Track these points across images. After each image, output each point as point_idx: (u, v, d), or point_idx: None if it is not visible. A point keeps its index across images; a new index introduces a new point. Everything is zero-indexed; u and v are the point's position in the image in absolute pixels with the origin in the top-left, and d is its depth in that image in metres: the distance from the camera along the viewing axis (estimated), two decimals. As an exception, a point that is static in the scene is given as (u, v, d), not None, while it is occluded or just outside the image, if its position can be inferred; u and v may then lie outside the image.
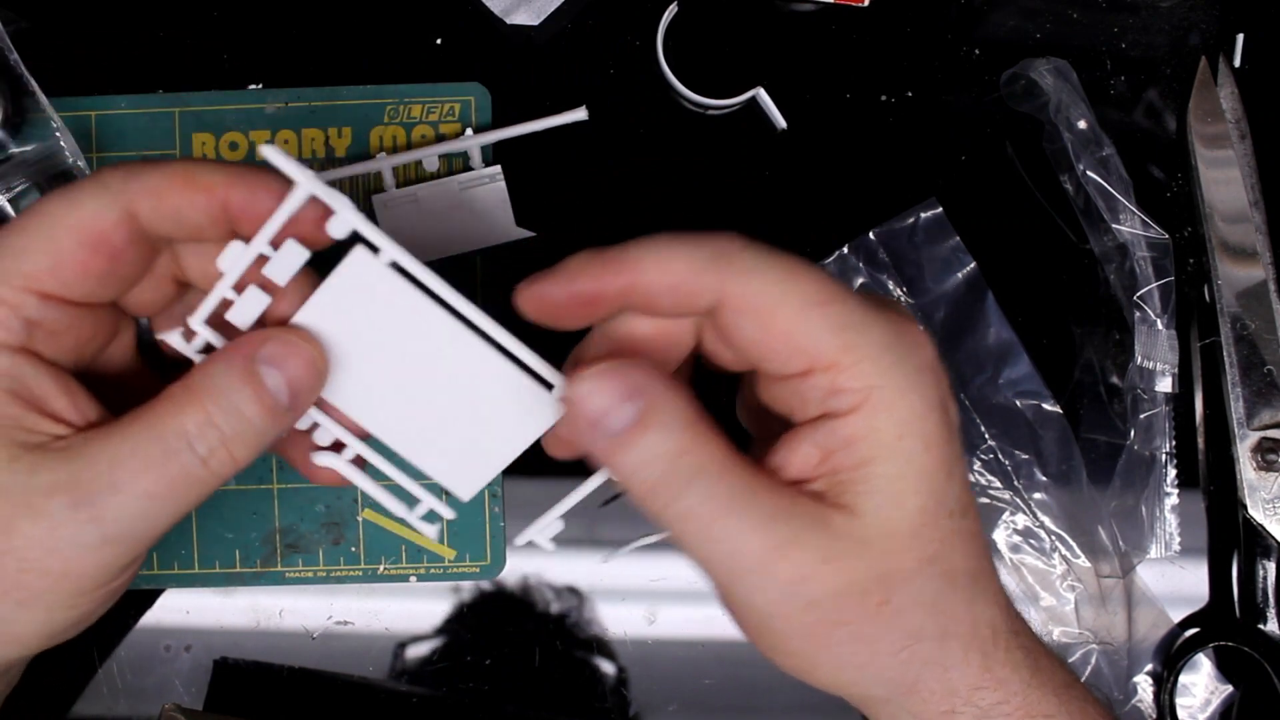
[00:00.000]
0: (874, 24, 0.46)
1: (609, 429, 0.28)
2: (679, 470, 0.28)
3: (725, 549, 0.28)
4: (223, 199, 0.29)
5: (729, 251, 0.29)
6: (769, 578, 0.28)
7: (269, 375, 0.28)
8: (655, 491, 0.28)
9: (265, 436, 0.29)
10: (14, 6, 0.45)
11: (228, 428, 0.28)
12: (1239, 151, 0.45)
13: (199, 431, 0.28)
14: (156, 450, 0.28)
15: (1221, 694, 0.45)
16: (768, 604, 0.29)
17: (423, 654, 0.45)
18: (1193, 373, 0.45)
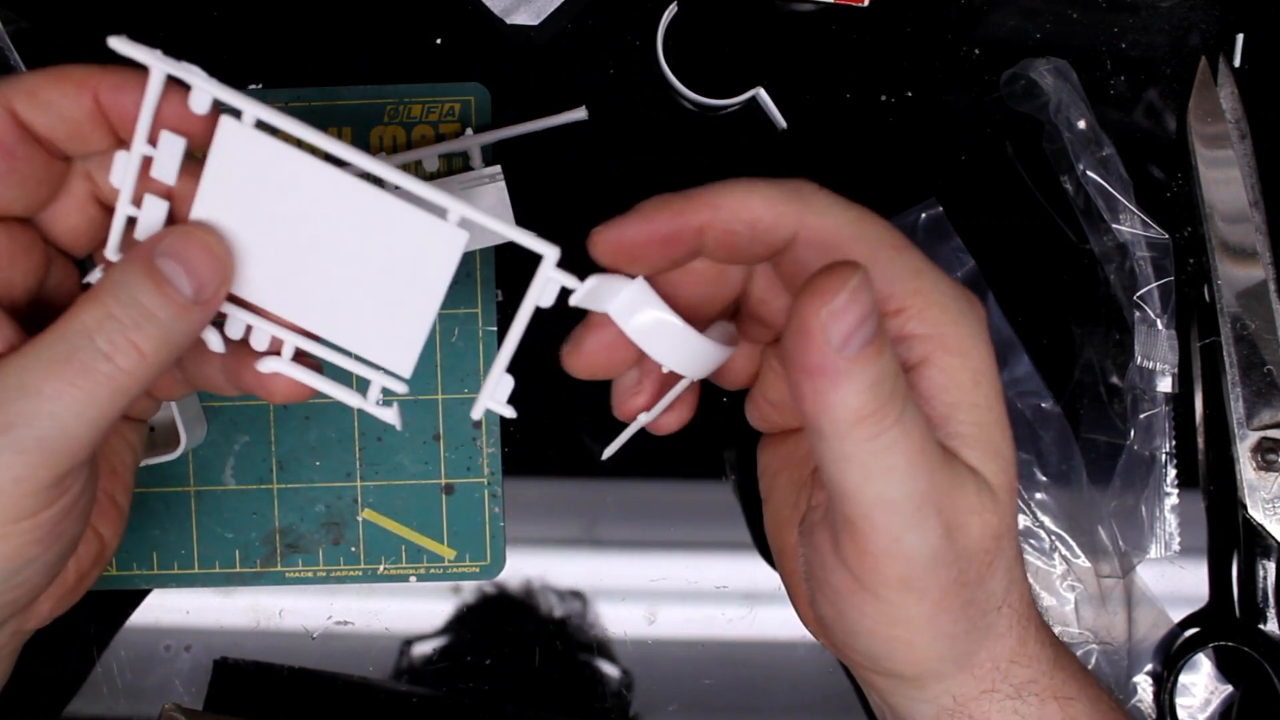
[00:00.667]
0: (874, 24, 0.46)
1: (851, 346, 0.25)
2: (898, 393, 0.26)
3: (914, 486, 0.26)
4: (93, 92, 0.28)
5: (805, 190, 0.29)
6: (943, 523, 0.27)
7: (166, 265, 0.28)
8: (877, 415, 0.25)
9: (172, 329, 0.28)
10: (14, 6, 0.45)
11: (127, 319, 0.27)
12: (1239, 151, 0.45)
13: (98, 325, 0.27)
14: (60, 350, 0.27)
15: (1221, 694, 0.45)
16: (930, 554, 0.27)
17: (423, 654, 0.45)
18: (1193, 373, 0.45)
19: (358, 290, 0.27)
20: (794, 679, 0.45)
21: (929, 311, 0.28)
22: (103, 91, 0.28)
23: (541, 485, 0.46)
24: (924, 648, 0.29)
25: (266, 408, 0.45)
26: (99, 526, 0.34)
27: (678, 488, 0.46)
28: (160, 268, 0.28)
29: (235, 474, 0.45)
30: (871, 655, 0.30)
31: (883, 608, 0.28)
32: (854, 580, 0.28)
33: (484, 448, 0.45)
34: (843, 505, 0.27)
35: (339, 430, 0.45)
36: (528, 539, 0.45)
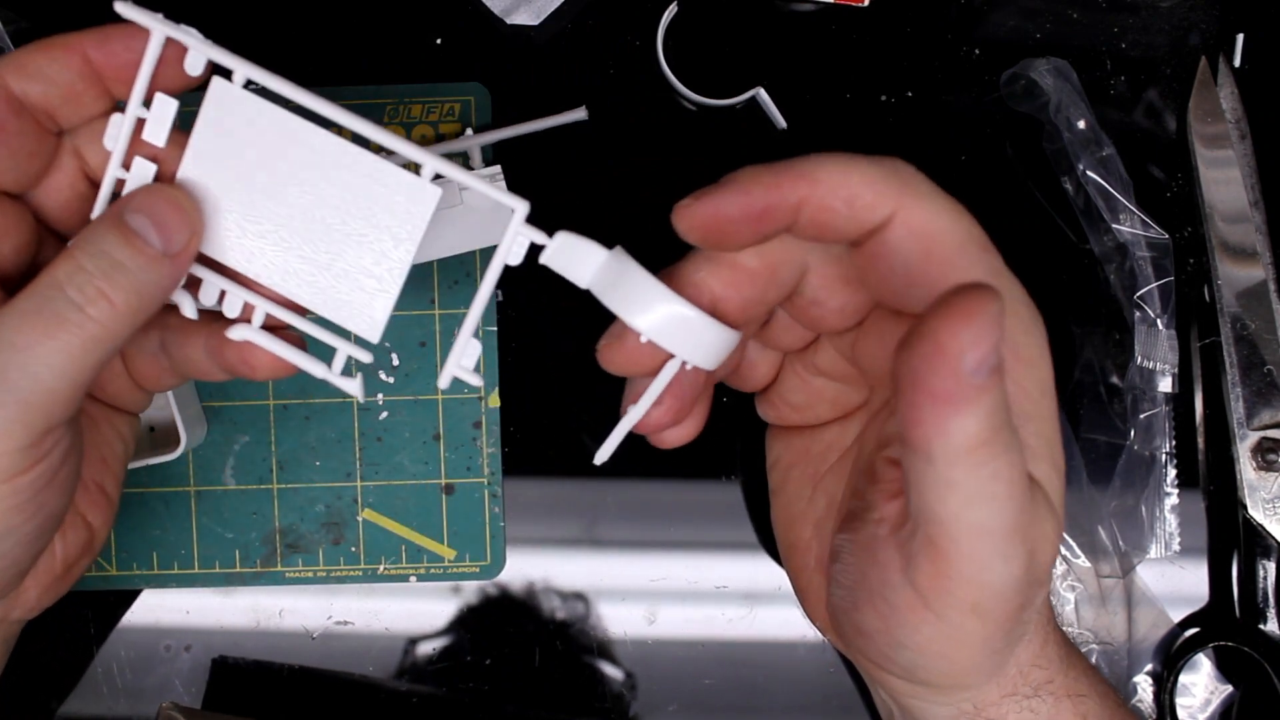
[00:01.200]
0: (874, 24, 0.46)
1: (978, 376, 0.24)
2: (1009, 418, 0.25)
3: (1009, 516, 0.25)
4: (82, 54, 0.29)
5: (904, 171, 0.28)
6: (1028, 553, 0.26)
7: (134, 219, 0.28)
8: (989, 443, 0.25)
9: (142, 279, 0.28)
10: (14, 6, 0.45)
11: (96, 269, 0.28)
12: (1239, 151, 0.45)
13: (69, 277, 0.28)
14: (32, 303, 0.27)
15: (1221, 694, 0.45)
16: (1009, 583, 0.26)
17: (423, 654, 0.45)
18: (1193, 373, 0.45)
19: (332, 252, 0.27)
20: (794, 679, 0.45)
21: (1009, 320, 0.27)
22: (90, 49, 0.29)
23: (541, 485, 0.46)
24: (966, 662, 0.28)
25: (266, 408, 0.45)
26: (87, 514, 0.34)
27: (678, 488, 0.46)
28: (128, 221, 0.28)
29: (235, 474, 0.45)
30: (910, 667, 0.29)
31: (944, 629, 0.27)
32: (919, 600, 0.27)
33: (484, 448, 0.45)
34: (931, 529, 0.26)
35: (339, 430, 0.45)
36: (528, 539, 0.45)
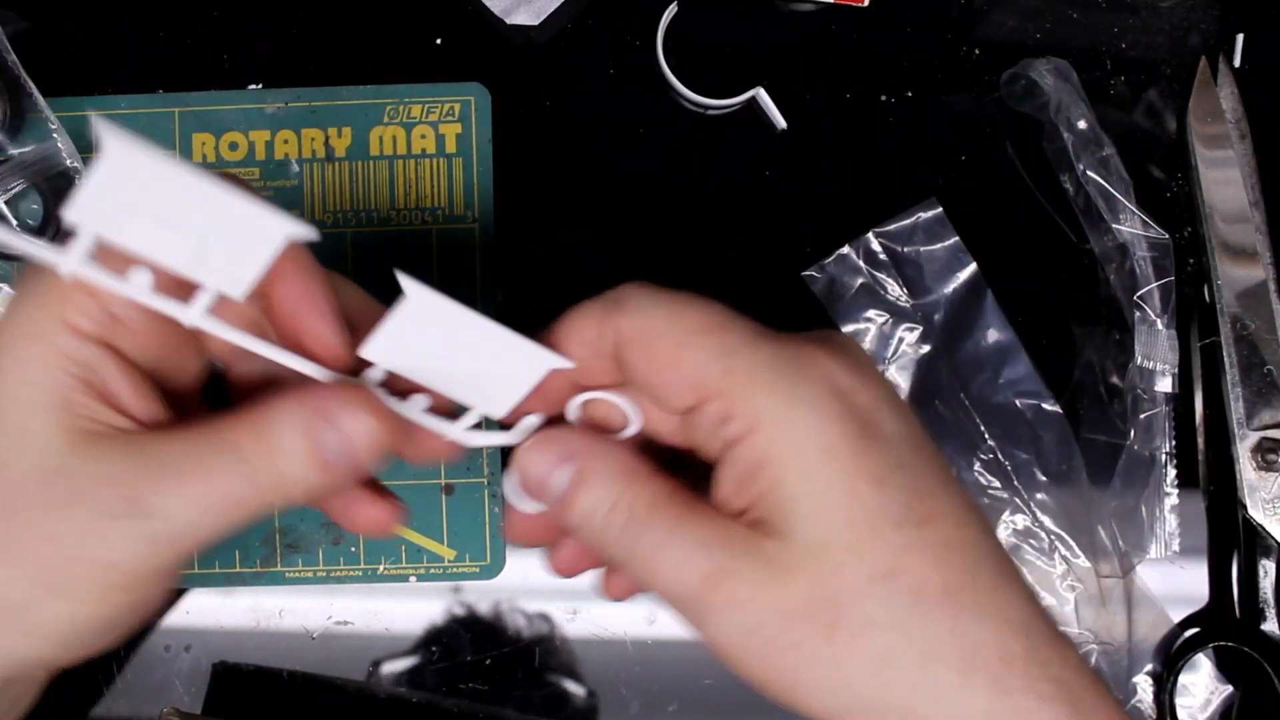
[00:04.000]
0: (874, 24, 0.46)
1: (553, 492, 0.30)
2: (614, 520, 0.30)
3: (666, 582, 0.29)
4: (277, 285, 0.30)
5: (622, 295, 0.30)
6: (706, 606, 0.29)
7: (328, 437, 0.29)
8: (600, 540, 0.30)
9: (320, 490, 0.30)
10: (14, 6, 0.45)
11: (290, 479, 0.29)
12: (1239, 151, 0.45)
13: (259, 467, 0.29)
14: (219, 467, 0.28)
15: (1221, 694, 0.45)
16: (714, 633, 0.29)
17: (422, 654, 0.45)
18: (1193, 373, 0.45)
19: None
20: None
21: (744, 389, 0.29)
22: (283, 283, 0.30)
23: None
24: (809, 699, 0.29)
25: (266, 408, 0.45)
26: None
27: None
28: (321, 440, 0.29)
29: (235, 474, 0.45)
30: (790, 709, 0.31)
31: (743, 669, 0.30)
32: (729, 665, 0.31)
33: (484, 448, 0.45)
34: None
35: (339, 430, 0.45)
36: (528, 539, 0.45)
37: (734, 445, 0.29)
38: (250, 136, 0.45)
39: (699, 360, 0.29)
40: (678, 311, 0.30)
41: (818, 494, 0.28)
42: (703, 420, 0.29)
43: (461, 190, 0.45)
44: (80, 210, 0.27)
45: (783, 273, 0.46)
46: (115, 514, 0.28)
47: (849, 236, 0.45)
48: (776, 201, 0.46)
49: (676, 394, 0.29)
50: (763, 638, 0.29)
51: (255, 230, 0.28)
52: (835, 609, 0.28)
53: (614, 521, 0.30)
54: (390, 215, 0.45)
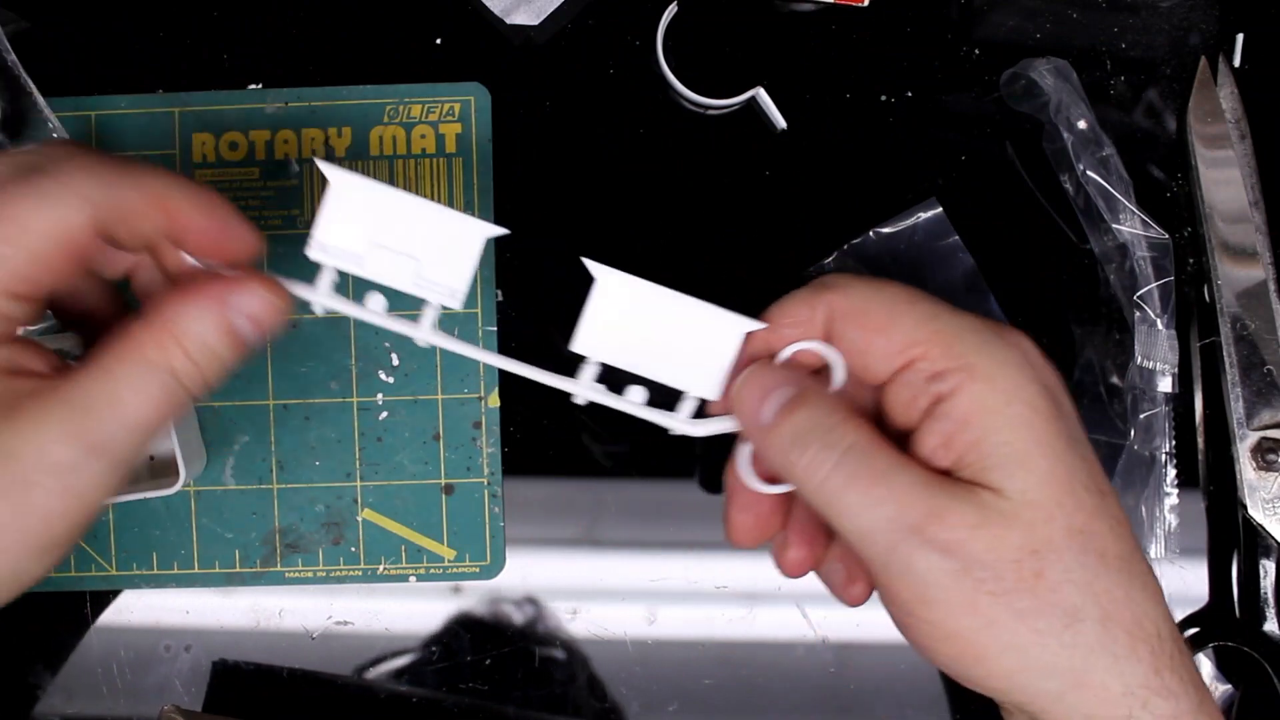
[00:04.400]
0: (874, 24, 0.46)
1: (770, 407, 0.32)
2: (832, 441, 0.31)
3: (884, 513, 0.30)
4: (183, 223, 0.31)
5: (829, 280, 0.33)
6: (928, 539, 0.29)
7: (239, 320, 0.31)
8: (812, 465, 0.31)
9: (232, 368, 0.32)
10: (14, 6, 0.45)
11: (205, 363, 0.31)
12: (1239, 151, 0.45)
13: (184, 369, 0.31)
14: (154, 388, 0.30)
15: (1221, 694, 0.45)
16: (929, 569, 0.29)
17: (423, 654, 0.45)
18: (1193, 373, 0.45)
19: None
20: (794, 679, 0.45)
21: (953, 346, 0.31)
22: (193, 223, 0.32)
23: (541, 485, 0.46)
24: (994, 660, 0.30)
25: (266, 408, 0.45)
26: None
27: (678, 488, 0.46)
28: (235, 325, 0.31)
29: (235, 474, 0.45)
30: (965, 677, 0.31)
31: (927, 627, 0.30)
32: (895, 608, 0.31)
33: (484, 448, 0.45)
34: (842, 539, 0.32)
35: (339, 430, 0.45)
36: (528, 539, 0.45)
37: (943, 400, 0.31)
38: (250, 136, 0.45)
39: (909, 324, 0.31)
40: (884, 287, 0.32)
41: (1026, 448, 0.30)
42: (911, 379, 0.31)
43: (461, 190, 0.45)
44: (318, 250, 0.33)
45: (783, 273, 0.46)
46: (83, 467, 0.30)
47: (849, 236, 0.45)
48: (776, 201, 0.46)
49: (887, 357, 0.32)
50: (969, 582, 0.29)
51: (460, 237, 0.33)
52: (1040, 560, 0.29)
53: (834, 443, 0.31)
54: (390, 215, 0.45)
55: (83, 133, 0.45)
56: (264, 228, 0.45)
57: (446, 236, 0.32)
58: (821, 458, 0.30)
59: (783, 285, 0.46)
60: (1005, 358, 0.31)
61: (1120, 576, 0.30)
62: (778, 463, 0.32)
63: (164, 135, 0.45)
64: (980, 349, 0.31)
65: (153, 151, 0.45)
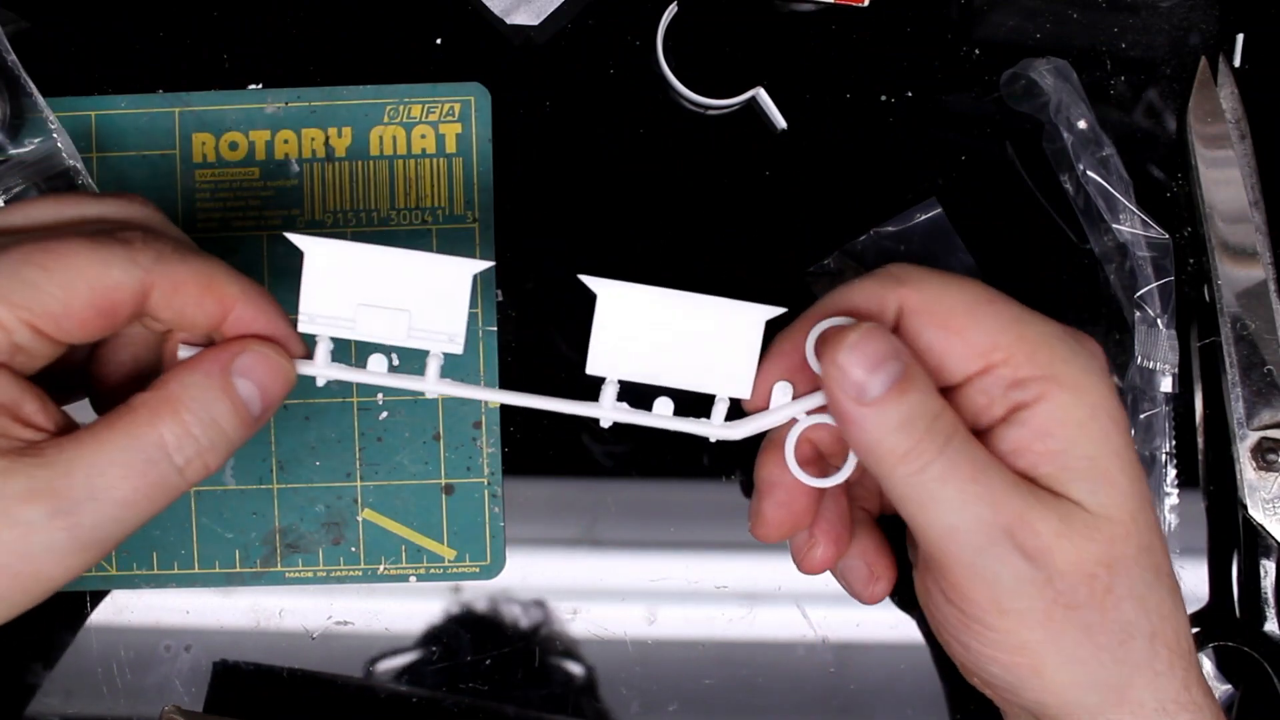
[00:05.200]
0: (874, 24, 0.46)
1: (870, 392, 0.29)
2: (938, 430, 0.29)
3: (978, 511, 0.28)
4: (229, 310, 0.30)
5: (898, 270, 0.31)
6: (1016, 546, 0.28)
7: (243, 386, 0.30)
8: (916, 450, 0.29)
9: (237, 443, 0.30)
10: (14, 6, 0.45)
11: (205, 440, 0.29)
12: (1239, 151, 0.45)
13: (178, 444, 0.29)
14: (137, 460, 0.28)
15: (1221, 694, 0.45)
16: (1015, 576, 0.29)
17: (423, 654, 0.45)
18: (1193, 373, 0.45)
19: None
20: (794, 679, 0.45)
21: (1038, 354, 0.29)
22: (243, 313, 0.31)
23: (541, 485, 0.46)
24: (1052, 674, 0.30)
25: (266, 408, 0.45)
26: None
27: (678, 488, 0.46)
28: (239, 391, 0.30)
29: (235, 474, 0.45)
30: (1009, 686, 0.31)
31: (994, 635, 0.30)
32: (959, 612, 0.30)
33: (484, 448, 0.45)
34: (919, 542, 0.30)
35: (339, 430, 0.45)
36: (528, 539, 0.45)
37: (1024, 408, 0.29)
38: (250, 136, 0.45)
39: (992, 327, 0.30)
40: (961, 284, 0.30)
41: (1109, 464, 0.29)
42: (988, 385, 0.30)
43: (461, 190, 0.45)
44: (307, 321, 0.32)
45: (783, 273, 0.46)
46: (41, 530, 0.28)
47: (849, 236, 0.45)
48: (776, 201, 0.46)
49: (965, 360, 0.30)
50: (1050, 593, 0.29)
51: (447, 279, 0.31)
52: (1112, 575, 0.29)
53: (938, 433, 0.29)
54: (390, 215, 0.45)
55: (83, 133, 0.45)
56: (264, 228, 0.45)
57: (432, 281, 0.32)
58: (924, 445, 0.29)
59: (783, 285, 0.46)
60: (1089, 367, 0.30)
61: (1166, 593, 0.30)
62: (872, 444, 0.29)
63: (164, 135, 0.45)
64: (1066, 359, 0.29)
65: (153, 151, 0.45)
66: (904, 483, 0.29)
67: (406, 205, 0.45)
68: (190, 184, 0.45)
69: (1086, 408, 0.29)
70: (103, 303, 0.29)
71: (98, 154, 0.45)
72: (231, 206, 0.45)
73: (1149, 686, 0.30)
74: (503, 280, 0.46)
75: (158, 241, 0.30)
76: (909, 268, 0.31)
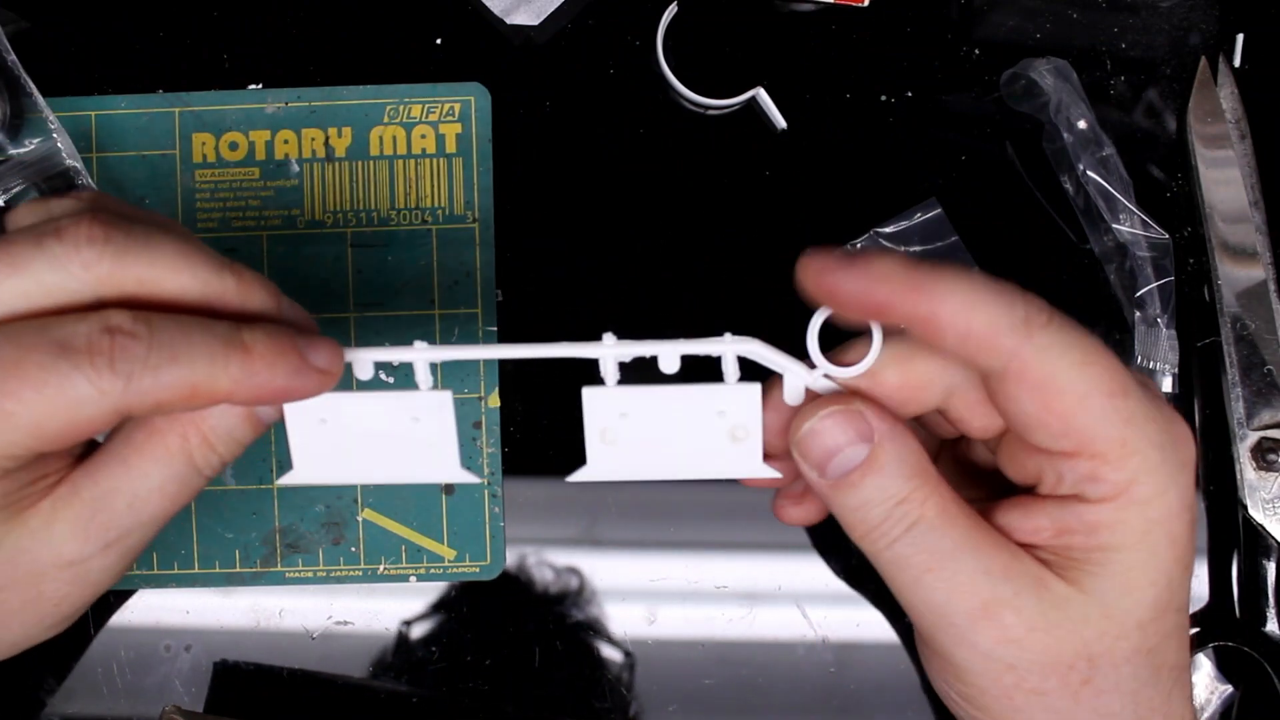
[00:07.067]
0: (874, 24, 0.46)
1: (836, 468, 0.29)
2: (897, 516, 0.29)
3: (935, 599, 0.29)
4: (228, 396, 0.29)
5: (1034, 321, 0.28)
6: (975, 635, 0.29)
7: (263, 411, 0.31)
8: (872, 534, 0.29)
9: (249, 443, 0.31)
10: (14, 6, 0.45)
11: (225, 451, 0.30)
12: (1239, 151, 0.45)
13: (205, 460, 0.30)
14: (172, 482, 0.30)
15: (1221, 694, 0.45)
16: (969, 660, 0.29)
17: (423, 654, 0.45)
18: (1193, 373, 0.45)
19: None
20: (794, 679, 0.45)
21: (1129, 461, 0.28)
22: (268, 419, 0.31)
23: (541, 485, 0.46)
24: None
25: (266, 408, 0.45)
26: None
27: (678, 488, 0.46)
28: (260, 415, 0.30)
29: (235, 474, 0.45)
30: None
31: (960, 700, 0.30)
32: (933, 671, 0.31)
33: (484, 448, 0.45)
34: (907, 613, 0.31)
35: (339, 430, 0.45)
36: (528, 539, 0.46)
37: (1085, 502, 0.28)
38: (250, 136, 0.45)
39: (1099, 424, 0.28)
40: (1089, 363, 0.28)
41: (1146, 574, 0.29)
42: (1063, 468, 0.29)
43: (461, 190, 0.45)
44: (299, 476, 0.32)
45: (783, 273, 0.45)
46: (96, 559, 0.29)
47: (849, 236, 0.45)
48: (776, 201, 0.46)
49: (1054, 440, 0.28)
50: (1014, 678, 0.29)
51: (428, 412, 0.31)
52: (1094, 669, 0.29)
53: (898, 520, 0.29)
54: (390, 215, 0.45)
55: (83, 133, 0.45)
56: (264, 228, 0.45)
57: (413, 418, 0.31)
58: (883, 529, 0.29)
59: (783, 285, 0.46)
60: (1173, 481, 0.28)
61: (1165, 687, 0.30)
62: (839, 516, 0.30)
63: (164, 135, 0.45)
64: (1156, 469, 0.28)
65: (153, 151, 0.45)
66: (869, 555, 0.30)
67: (406, 205, 0.45)
68: (190, 184, 0.45)
69: (1147, 521, 0.28)
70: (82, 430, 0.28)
71: (98, 154, 0.45)
72: (231, 206, 0.45)
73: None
74: (502, 280, 0.46)
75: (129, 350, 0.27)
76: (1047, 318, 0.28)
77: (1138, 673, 0.29)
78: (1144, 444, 0.28)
